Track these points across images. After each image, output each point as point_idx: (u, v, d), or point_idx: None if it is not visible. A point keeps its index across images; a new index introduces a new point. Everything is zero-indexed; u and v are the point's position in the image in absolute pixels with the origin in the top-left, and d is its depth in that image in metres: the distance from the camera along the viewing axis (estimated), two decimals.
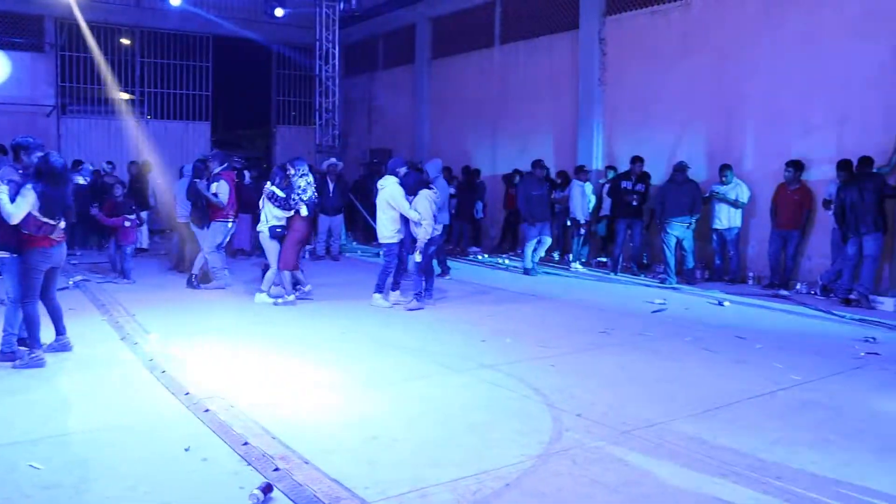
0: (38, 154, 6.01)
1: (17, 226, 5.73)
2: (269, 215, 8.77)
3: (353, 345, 6.96)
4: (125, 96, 18.85)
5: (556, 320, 8.22)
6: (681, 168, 10.84)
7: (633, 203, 11.74)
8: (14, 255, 5.92)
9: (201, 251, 9.87)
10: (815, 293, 10.01)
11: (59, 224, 5.97)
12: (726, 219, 10.98)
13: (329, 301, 9.06)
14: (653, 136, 12.58)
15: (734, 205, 10.90)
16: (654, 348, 6.96)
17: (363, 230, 16.07)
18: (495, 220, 15.87)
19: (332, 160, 14.12)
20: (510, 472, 3.95)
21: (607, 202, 12.61)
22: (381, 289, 8.80)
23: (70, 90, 18.33)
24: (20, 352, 5.99)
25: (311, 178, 8.95)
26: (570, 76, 14.18)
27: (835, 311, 8.86)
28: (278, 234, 8.75)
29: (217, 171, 9.74)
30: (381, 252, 8.93)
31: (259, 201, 9.12)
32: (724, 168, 10.94)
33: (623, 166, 12.50)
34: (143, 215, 12.48)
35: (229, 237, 10.19)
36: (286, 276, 8.85)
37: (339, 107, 16.97)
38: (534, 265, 11.67)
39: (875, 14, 9.73)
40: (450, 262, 11.95)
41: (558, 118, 14.52)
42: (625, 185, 11.86)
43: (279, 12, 18.21)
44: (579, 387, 5.60)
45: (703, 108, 11.87)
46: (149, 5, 18.69)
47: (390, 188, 8.66)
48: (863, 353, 6.81)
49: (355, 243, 15.58)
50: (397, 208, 8.59)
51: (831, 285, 9.72)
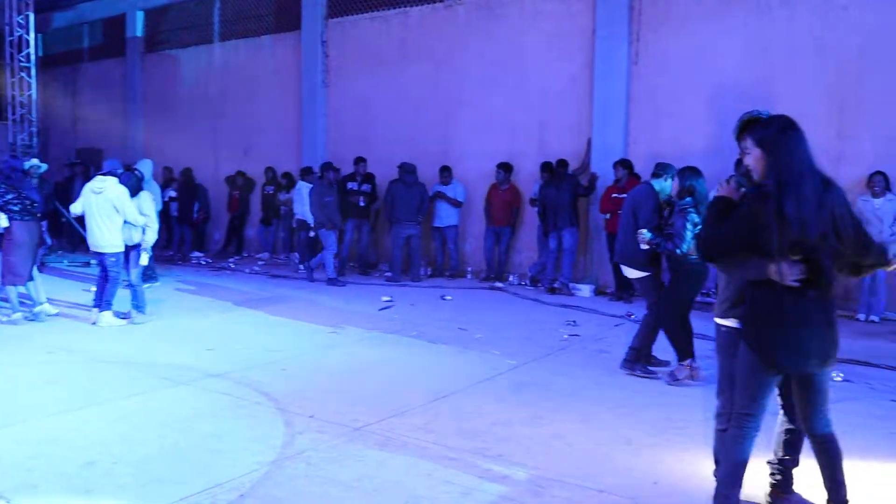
0: None
1: None
2: None
3: (64, 365, 6.30)
4: None
5: (286, 324, 8.12)
6: (410, 169, 11.26)
7: (361, 203, 11.96)
8: None
9: None
10: (526, 284, 10.97)
11: None
12: (446, 217, 11.61)
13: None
14: (376, 138, 12.91)
15: (454, 204, 11.56)
16: (382, 344, 7.16)
17: (69, 237, 14.63)
18: (219, 223, 15.31)
19: (34, 161, 12.64)
20: (244, 481, 3.83)
21: None
22: (109, 305, 7.96)
23: None
24: None
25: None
26: (293, 77, 14.09)
27: (542, 299, 9.76)
28: None
29: None
30: (107, 262, 7.81)
31: None
32: (445, 169, 11.57)
33: (347, 167, 12.67)
34: None
35: None
36: (11, 291, 7.80)
37: (36, 101, 15.24)
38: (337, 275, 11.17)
39: (567, 33, 10.89)
40: (174, 270, 11.30)
41: (282, 119, 14.36)
42: (351, 185, 12.04)
43: None
44: (311, 388, 5.59)
45: (423, 111, 12.44)
46: None
47: (114, 190, 7.75)
48: (566, 336, 7.57)
49: (60, 252, 14.09)
50: (123, 212, 7.83)
51: (538, 276, 10.71)
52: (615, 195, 9.56)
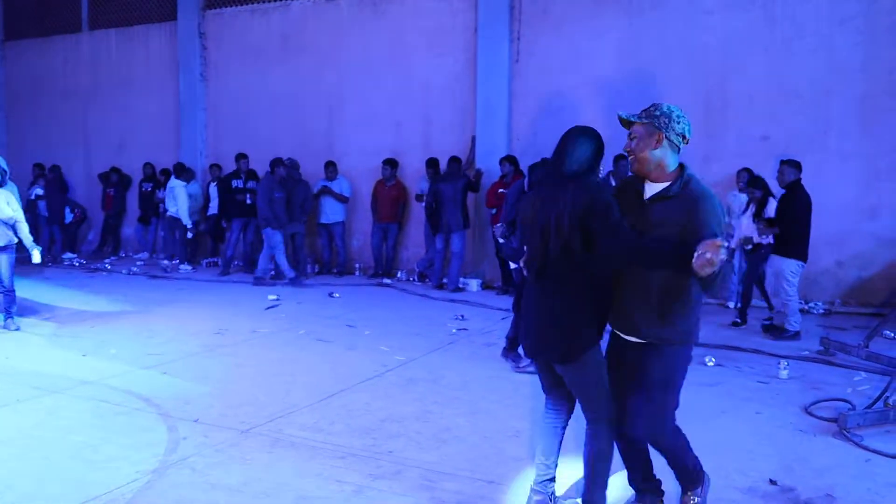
0: None
1: None
2: None
3: None
4: None
5: (166, 326, 7.81)
6: (294, 165, 11.06)
7: (248, 202, 11.67)
8: None
9: None
10: (413, 280, 11.01)
11: None
12: (332, 213, 11.49)
13: None
14: (258, 133, 12.62)
15: (340, 199, 11.45)
16: (269, 344, 7.02)
17: None
18: (93, 222, 14.58)
19: None
20: (123, 493, 3.67)
21: (214, 201, 12.33)
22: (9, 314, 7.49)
23: None
24: None
25: None
26: (170, 69, 13.57)
27: (430, 295, 9.82)
28: None
29: None
30: None
31: None
32: (330, 164, 11.45)
33: (228, 163, 12.35)
34: None
35: None
36: None
37: None
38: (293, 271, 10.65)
39: (449, 30, 10.99)
40: (45, 272, 10.66)
41: (159, 113, 13.79)
42: (236, 183, 11.73)
43: None
44: (195, 391, 5.41)
45: (306, 106, 12.26)
46: None
47: None
48: (454, 330, 7.66)
49: None
50: (12, 209, 7.36)
51: (426, 272, 10.76)
52: (501, 190, 9.73)
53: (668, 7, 9.70)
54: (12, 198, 7.61)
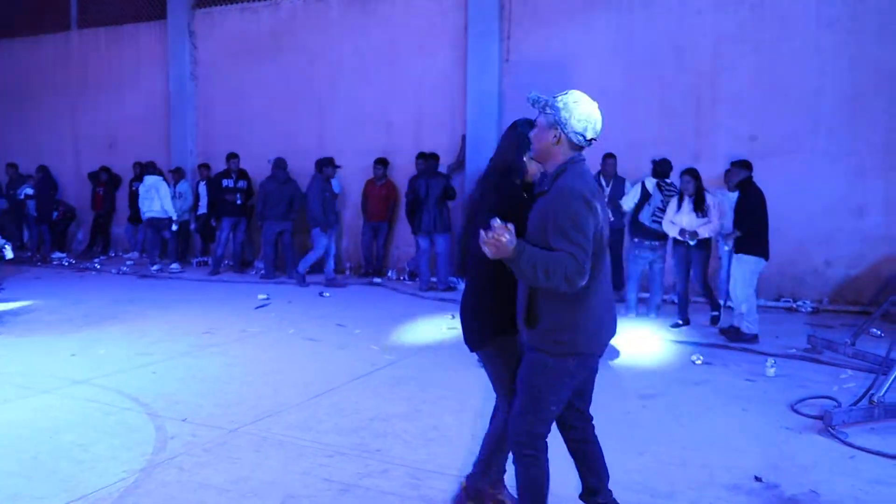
0: None
1: None
2: None
3: None
4: None
5: (156, 325, 7.80)
6: (280, 165, 11.06)
7: (238, 201, 11.65)
8: None
9: None
10: (404, 279, 11.01)
11: None
12: None
13: None
14: (248, 133, 12.61)
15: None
16: (258, 343, 7.02)
17: None
18: (82, 222, 14.53)
19: None
20: (111, 492, 3.67)
21: (203, 200, 12.31)
22: None
23: None
24: None
25: None
26: (160, 68, 13.53)
27: (420, 294, 9.83)
28: None
29: None
30: None
31: None
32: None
33: (218, 163, 12.33)
34: None
35: None
36: None
37: None
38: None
39: (440, 30, 11.01)
40: (34, 271, 10.62)
41: (149, 112, 13.74)
42: (226, 183, 11.71)
43: None
44: (184, 391, 5.41)
45: (296, 105, 12.24)
46: None
47: None
48: (445, 329, 7.67)
49: None
50: None
51: (416, 271, 10.76)
52: None
53: (658, 7, 9.73)
54: None
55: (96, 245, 14.14)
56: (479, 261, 3.01)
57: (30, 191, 13.38)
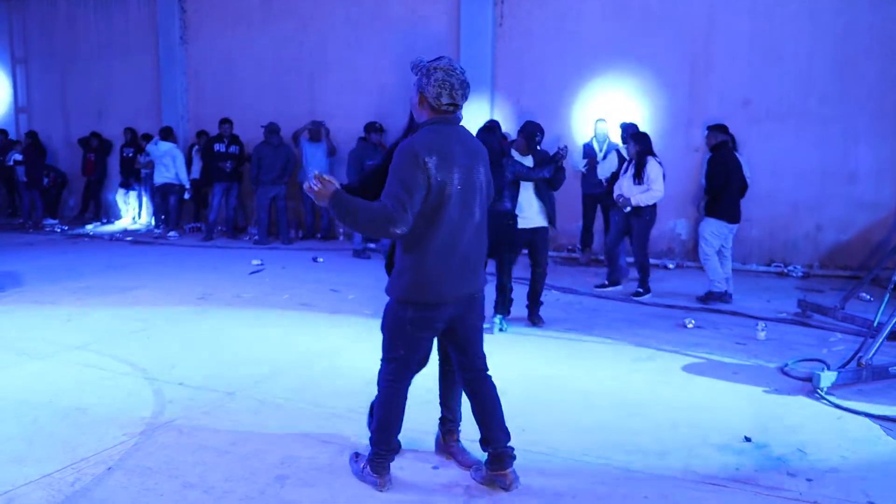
0: None
1: None
2: None
3: None
4: None
5: (150, 291, 7.82)
6: (274, 130, 11.01)
7: (229, 167, 11.61)
8: None
9: None
10: None
11: None
12: None
13: None
14: (240, 97, 12.52)
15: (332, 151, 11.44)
16: (252, 309, 7.05)
17: None
18: (74, 188, 14.46)
19: None
20: (111, 454, 3.72)
21: (196, 166, 12.27)
22: None
23: None
24: None
25: None
26: (149, 33, 13.37)
27: None
28: None
29: None
30: None
31: None
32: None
33: (209, 127, 12.27)
34: None
35: None
36: None
37: None
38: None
39: None
40: (26, 238, 10.59)
41: (139, 77, 13.61)
42: (218, 147, 11.65)
43: None
44: (180, 355, 5.45)
45: (288, 70, 12.15)
46: None
47: None
48: None
49: None
50: None
51: None
52: None
53: None
54: None
55: (88, 211, 14.10)
56: None
57: (18, 157, 13.28)
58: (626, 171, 7.72)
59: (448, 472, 3.56)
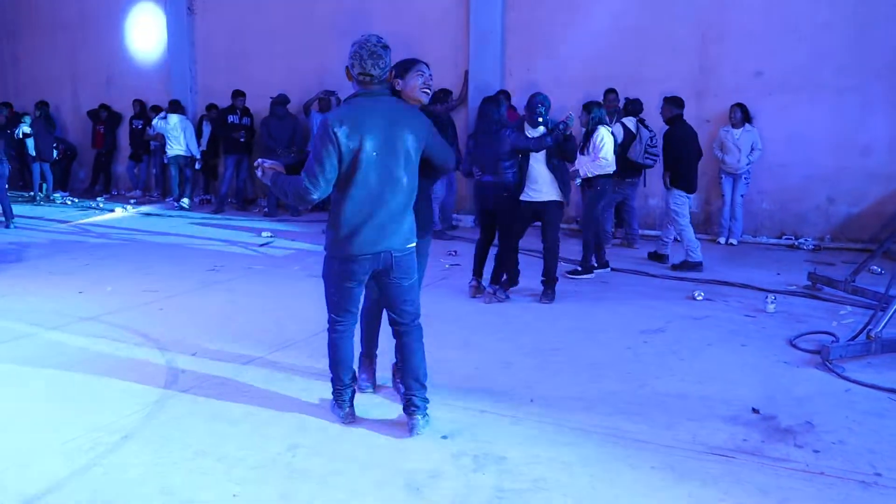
0: None
1: None
2: None
3: None
4: None
5: (161, 263, 7.88)
6: (280, 101, 10.99)
7: (242, 138, 11.62)
8: None
9: None
10: None
11: None
12: None
13: None
14: (248, 68, 12.46)
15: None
16: (262, 280, 7.10)
17: None
18: (83, 160, 14.49)
19: None
20: (127, 423, 3.77)
21: (205, 138, 12.27)
22: None
23: None
24: None
25: None
26: (157, 2, 13.29)
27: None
28: None
29: None
30: None
31: None
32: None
33: (218, 99, 12.24)
34: None
35: None
36: None
37: None
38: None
39: None
40: (37, 210, 10.65)
41: (147, 48, 13.57)
42: (231, 119, 11.67)
43: None
44: (192, 326, 5.50)
45: (298, 41, 12.06)
46: None
47: None
48: (447, 266, 7.74)
49: None
50: None
51: None
52: None
53: None
54: None
55: (98, 184, 14.14)
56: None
57: (27, 129, 13.27)
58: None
59: (456, 442, 3.59)
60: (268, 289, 6.76)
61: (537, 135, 6.22)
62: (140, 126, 13.26)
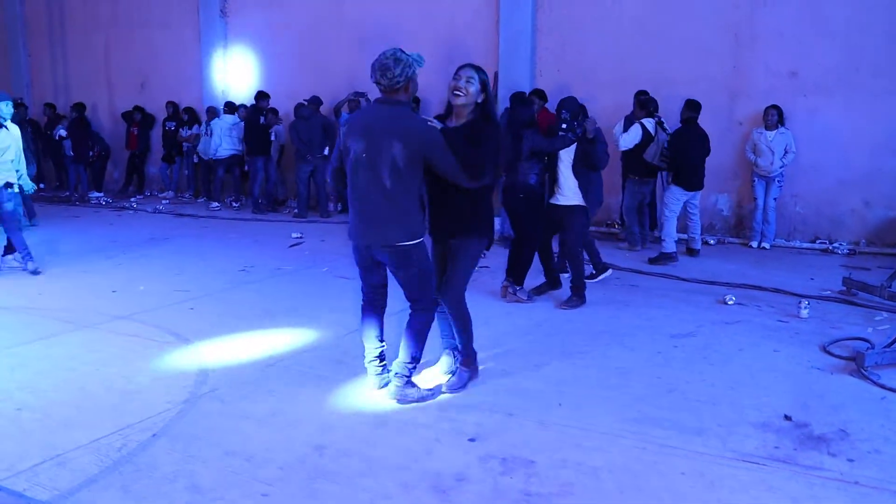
0: None
1: None
2: None
3: None
4: None
5: (192, 263, 7.97)
6: (306, 103, 11.07)
7: (272, 139, 11.76)
8: None
9: None
10: None
11: None
12: None
13: None
14: (279, 71, 12.56)
15: None
16: (292, 280, 7.14)
17: None
18: (117, 161, 14.70)
19: None
20: (156, 421, 3.82)
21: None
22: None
23: None
24: None
25: None
26: (191, 4, 13.45)
27: None
28: None
29: None
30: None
31: None
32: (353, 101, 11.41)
33: (248, 101, 12.38)
34: None
35: None
36: None
37: None
38: None
39: None
40: (72, 210, 10.82)
41: (181, 50, 13.73)
42: (263, 120, 11.79)
43: None
44: (222, 326, 5.55)
45: (328, 43, 12.12)
46: None
47: (13, 126, 7.31)
48: (478, 268, 7.69)
49: None
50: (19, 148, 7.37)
51: None
52: None
53: None
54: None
55: (131, 184, 14.34)
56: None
57: (63, 132, 13.48)
58: None
59: (483, 445, 3.58)
60: (298, 289, 6.80)
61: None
62: (173, 128, 13.42)
